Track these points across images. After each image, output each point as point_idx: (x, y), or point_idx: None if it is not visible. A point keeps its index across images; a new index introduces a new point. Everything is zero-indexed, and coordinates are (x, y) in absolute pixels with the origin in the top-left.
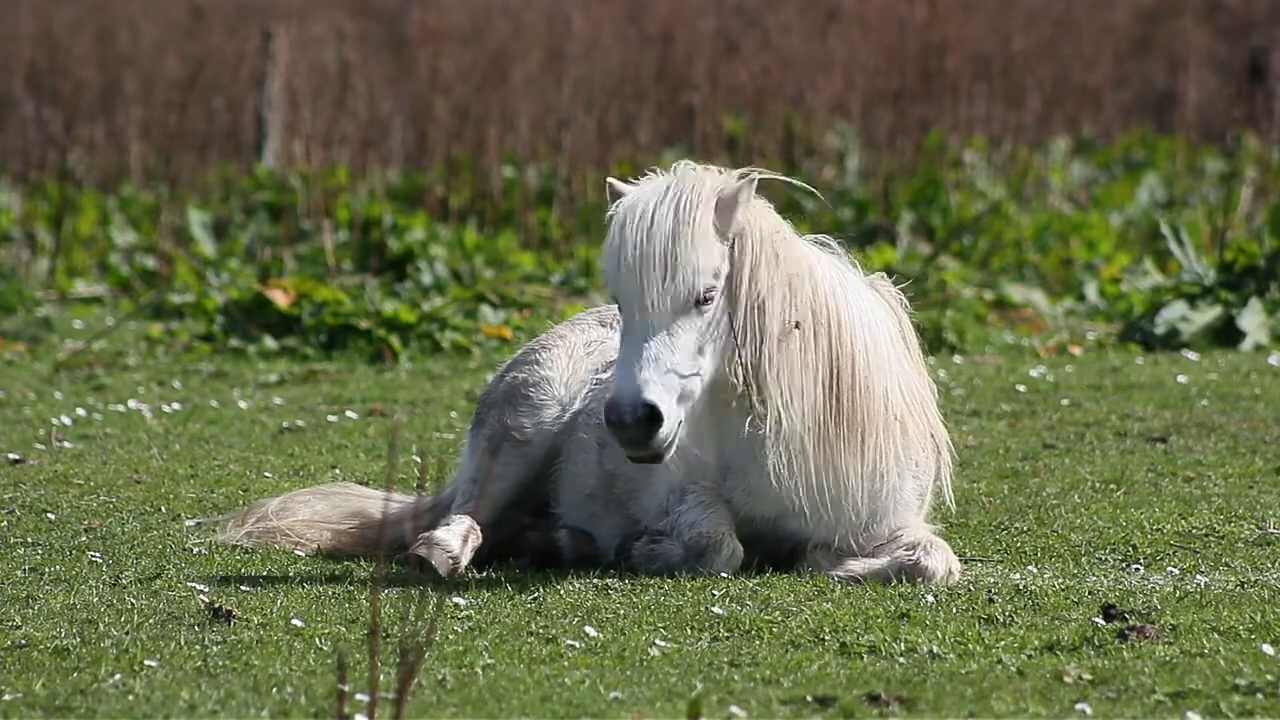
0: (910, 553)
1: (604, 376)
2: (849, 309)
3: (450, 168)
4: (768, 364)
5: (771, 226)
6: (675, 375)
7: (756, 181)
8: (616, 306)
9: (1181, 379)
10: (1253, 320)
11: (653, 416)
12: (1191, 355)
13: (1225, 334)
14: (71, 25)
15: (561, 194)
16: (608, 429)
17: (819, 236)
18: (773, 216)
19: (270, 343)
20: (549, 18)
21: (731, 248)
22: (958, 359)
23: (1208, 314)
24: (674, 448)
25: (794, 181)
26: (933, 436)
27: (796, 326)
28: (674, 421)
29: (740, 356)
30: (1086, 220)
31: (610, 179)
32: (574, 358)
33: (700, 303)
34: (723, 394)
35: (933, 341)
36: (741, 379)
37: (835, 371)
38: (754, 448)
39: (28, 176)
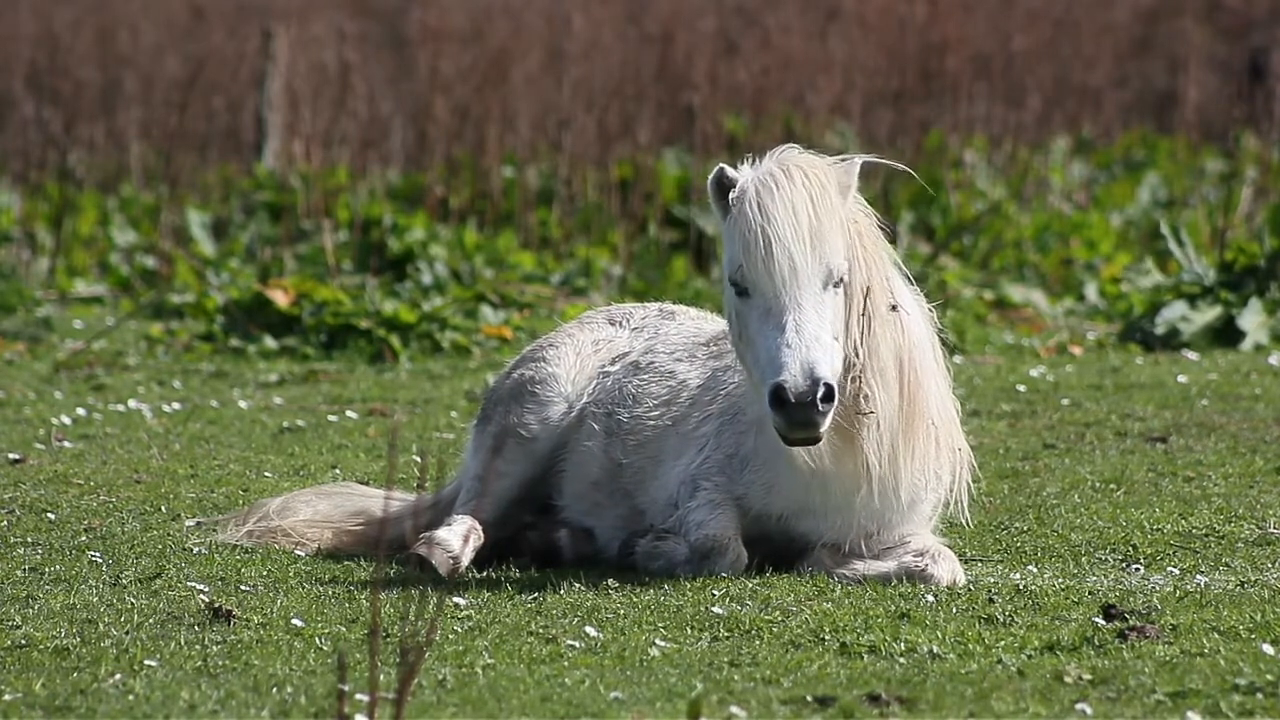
0: (919, 559)
1: (612, 370)
2: (911, 306)
3: (450, 168)
4: (878, 345)
5: (865, 211)
6: (832, 353)
7: (859, 165)
8: (734, 291)
9: (1181, 379)
10: (1253, 320)
11: (829, 395)
12: (1191, 355)
13: (1225, 334)
14: (71, 25)
15: (561, 194)
16: (775, 411)
17: None
18: (863, 202)
19: (270, 343)
20: (549, 18)
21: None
22: (958, 359)
23: (1208, 314)
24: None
25: (897, 165)
26: (959, 451)
27: (893, 309)
28: (835, 401)
29: (854, 335)
30: (1086, 220)
31: (721, 165)
32: (582, 355)
33: (837, 284)
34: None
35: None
36: (858, 359)
37: (904, 362)
38: (772, 442)
39: (28, 176)
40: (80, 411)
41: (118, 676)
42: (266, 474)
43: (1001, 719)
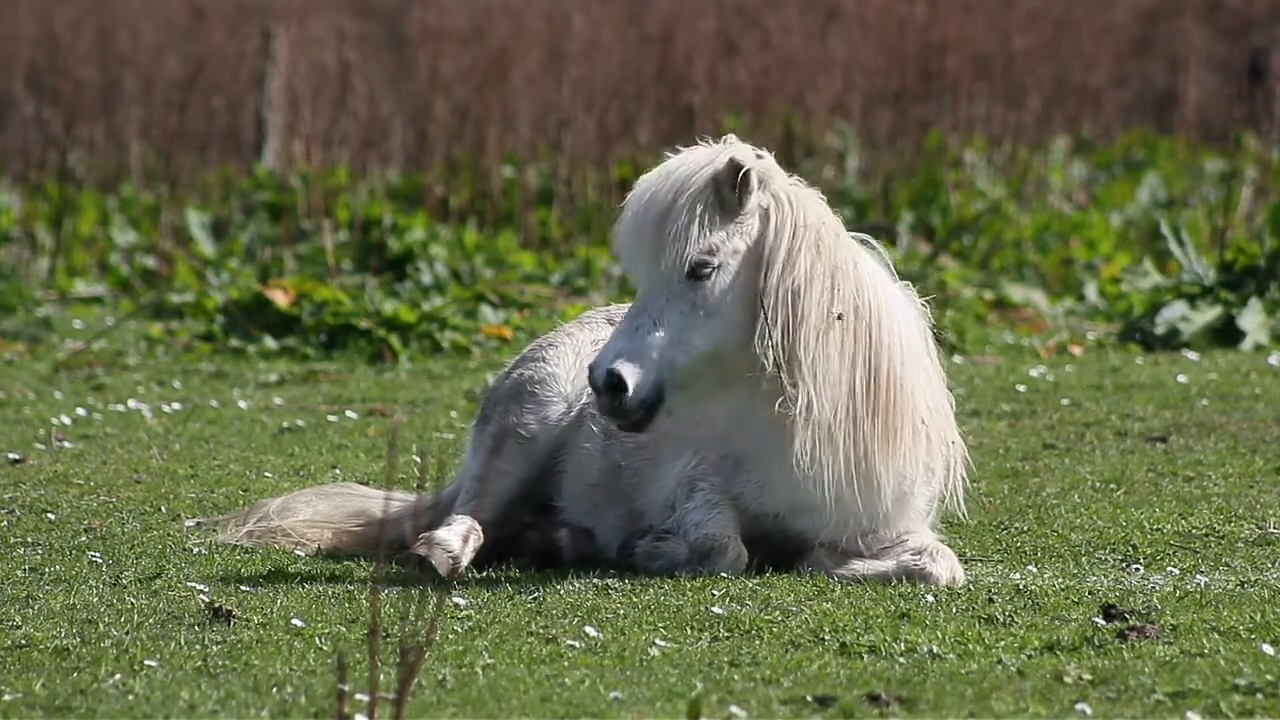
0: (916, 558)
1: None
2: (890, 309)
3: (450, 168)
4: (802, 351)
5: (817, 217)
6: (656, 349)
7: (767, 159)
8: None
9: (1181, 379)
10: (1253, 320)
11: (618, 385)
12: (1191, 355)
13: (1225, 334)
14: (71, 25)
15: (561, 194)
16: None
17: (860, 235)
18: (820, 208)
19: (270, 343)
20: (549, 18)
21: (764, 229)
22: (958, 359)
23: (1208, 314)
24: (655, 419)
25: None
26: (952, 444)
27: (838, 319)
28: (644, 393)
29: (770, 338)
30: (1086, 220)
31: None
32: (581, 355)
33: (695, 277)
34: (743, 375)
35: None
36: (771, 361)
37: (874, 368)
38: (771, 440)
39: (28, 176)
40: (80, 411)
41: (118, 676)
42: (266, 474)
43: (1001, 719)
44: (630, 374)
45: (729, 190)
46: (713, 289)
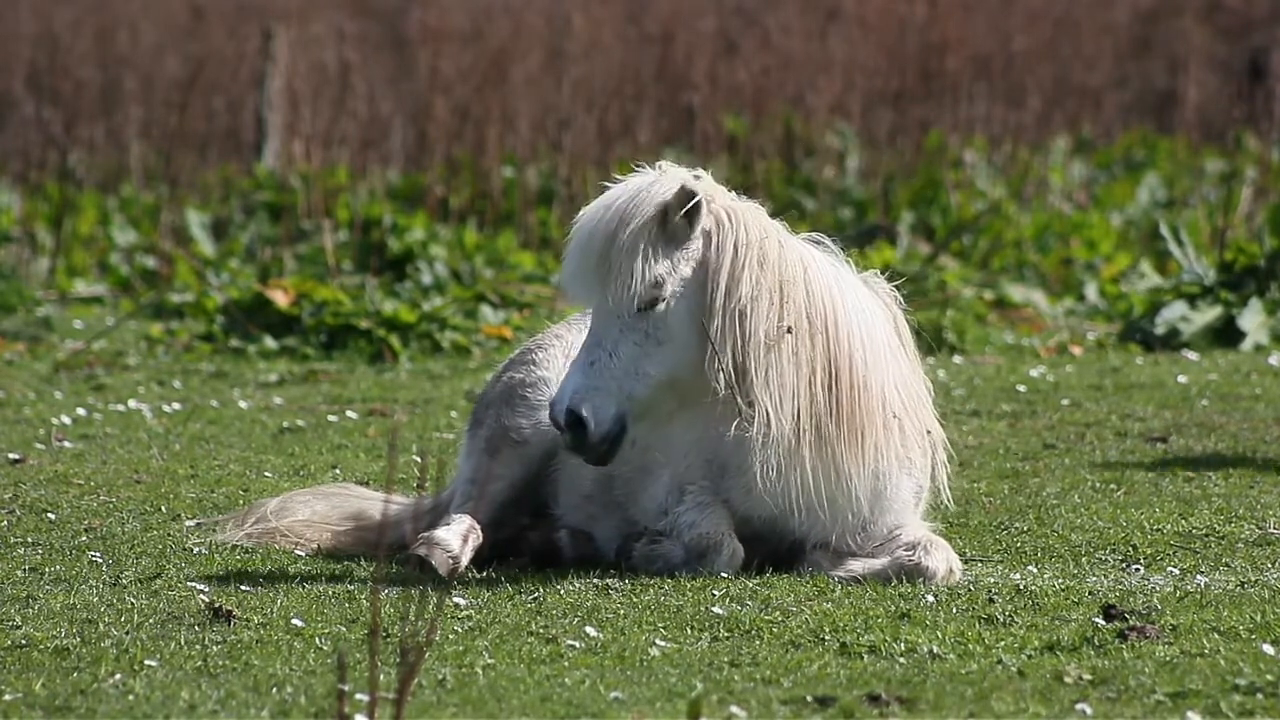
0: (911, 553)
1: None
2: (845, 309)
3: (450, 168)
4: (754, 369)
5: (759, 231)
6: (614, 381)
7: (706, 179)
8: None
9: (1181, 379)
10: (1253, 320)
11: (579, 422)
12: (1191, 355)
13: (1225, 334)
14: (71, 25)
15: (561, 194)
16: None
17: (813, 235)
18: (762, 220)
19: (270, 343)
20: (549, 18)
21: (707, 251)
22: (958, 359)
23: (1208, 314)
24: (618, 450)
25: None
26: (929, 434)
27: (789, 331)
28: (606, 427)
29: (719, 362)
30: (1086, 220)
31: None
32: (570, 358)
33: (646, 308)
34: (703, 397)
35: (933, 341)
36: (723, 384)
37: (833, 372)
38: (749, 447)
39: (28, 176)
40: (80, 411)
41: (118, 676)
42: (266, 474)
43: (1001, 719)
44: (589, 410)
45: (679, 218)
46: (664, 316)
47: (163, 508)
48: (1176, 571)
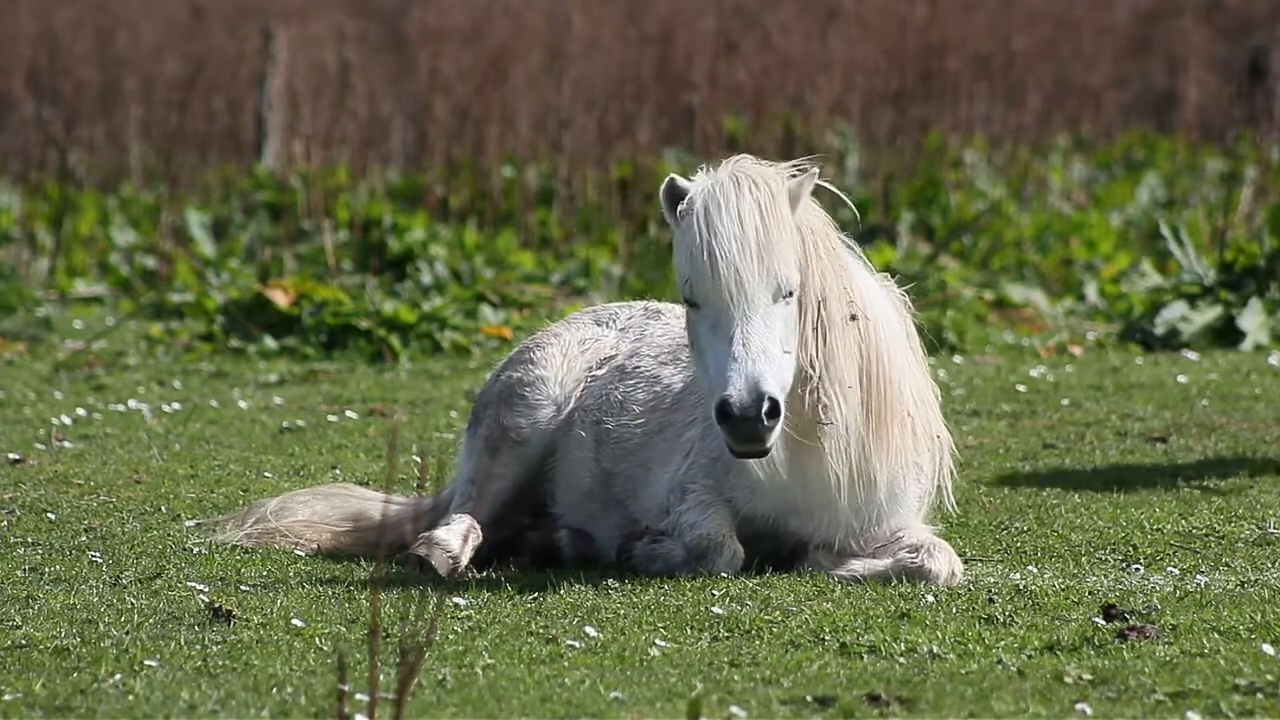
0: (914, 555)
1: (599, 374)
2: (877, 305)
3: (450, 168)
4: (833, 356)
5: (822, 220)
6: (780, 367)
7: (815, 178)
8: (687, 304)
9: (1181, 379)
10: (1253, 320)
11: (774, 410)
12: (1191, 355)
13: (1225, 334)
14: (71, 25)
15: (561, 194)
16: (721, 425)
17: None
18: (817, 209)
19: (270, 343)
20: (549, 18)
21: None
22: (958, 359)
23: (1208, 314)
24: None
25: (843, 196)
26: (938, 438)
27: (853, 318)
28: (783, 413)
29: (809, 347)
30: (1086, 220)
31: (672, 175)
32: (568, 356)
33: (788, 295)
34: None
35: (933, 341)
36: (814, 370)
37: (867, 367)
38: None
39: (28, 176)
40: (80, 411)
41: (118, 676)
42: (266, 474)
43: (1001, 719)
44: (780, 396)
45: (794, 206)
46: (797, 306)
47: (163, 508)
48: (1176, 571)
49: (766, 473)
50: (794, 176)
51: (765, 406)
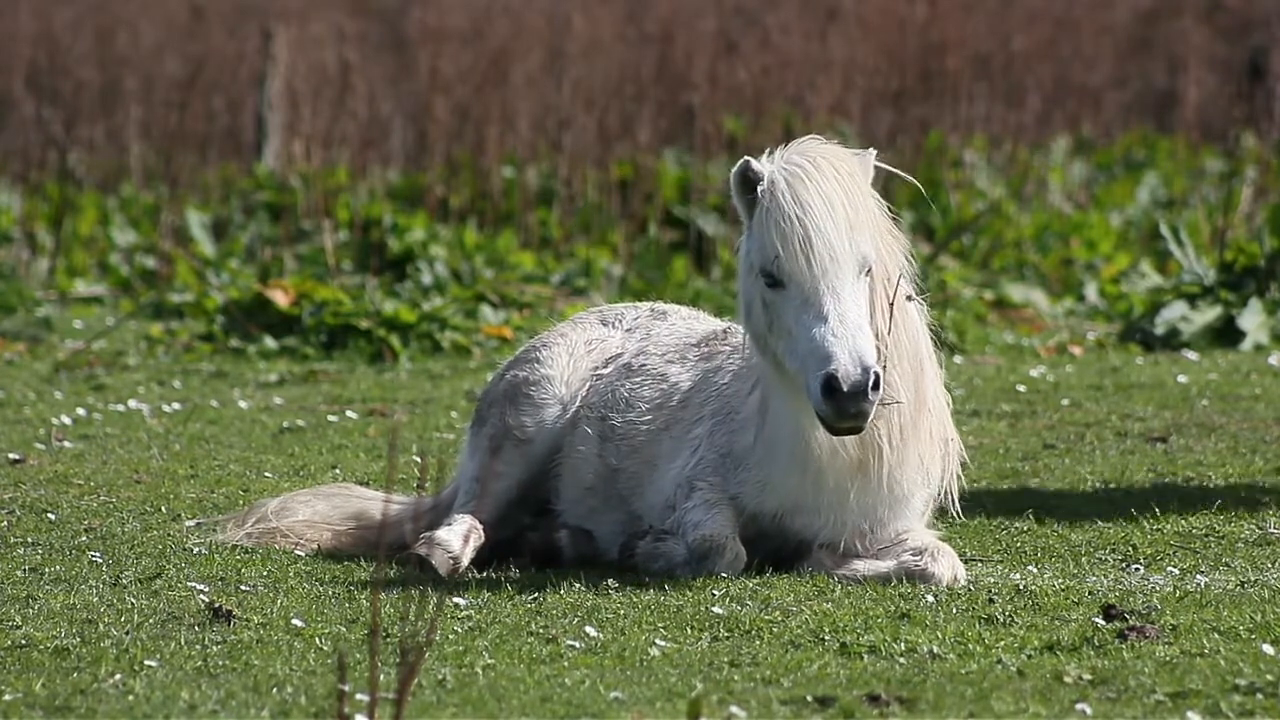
0: (917, 558)
1: (605, 373)
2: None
3: (450, 168)
4: (900, 335)
5: (879, 202)
6: (872, 341)
7: (874, 157)
8: (766, 283)
9: (1181, 379)
10: (1253, 320)
11: (878, 382)
12: (1191, 355)
13: (1225, 334)
14: (71, 25)
15: (561, 194)
16: (825, 400)
17: None
18: (874, 193)
19: (270, 343)
20: (549, 18)
21: None
22: (958, 359)
23: (1208, 314)
24: None
25: (903, 174)
26: (949, 441)
27: (909, 299)
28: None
29: (879, 324)
30: (1086, 220)
31: (747, 158)
32: (574, 356)
33: (867, 272)
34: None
35: (934, 341)
36: (884, 348)
37: (917, 355)
38: (771, 439)
39: (28, 176)
40: (80, 411)
41: (118, 676)
42: (266, 474)
43: (1001, 719)
44: (881, 369)
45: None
46: (869, 283)
47: (163, 508)
48: (1176, 571)
49: (817, 455)
50: (859, 156)
51: (872, 379)
